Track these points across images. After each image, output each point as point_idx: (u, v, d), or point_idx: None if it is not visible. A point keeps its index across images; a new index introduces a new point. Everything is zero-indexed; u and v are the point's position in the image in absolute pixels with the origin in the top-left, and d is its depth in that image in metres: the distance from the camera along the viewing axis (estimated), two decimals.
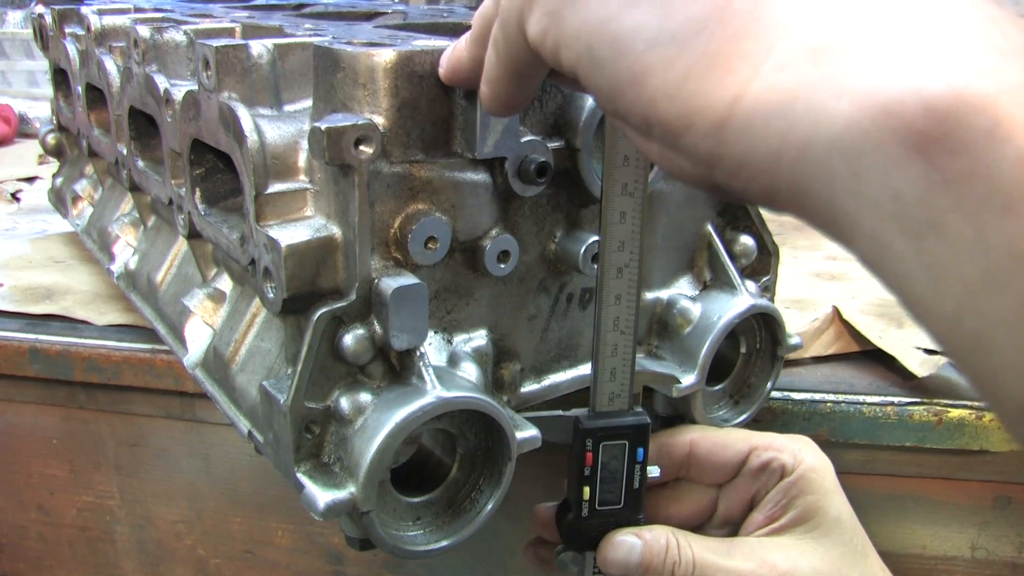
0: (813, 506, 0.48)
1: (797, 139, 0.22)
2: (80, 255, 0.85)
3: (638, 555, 0.46)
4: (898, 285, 0.21)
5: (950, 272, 0.20)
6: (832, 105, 0.21)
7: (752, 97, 0.23)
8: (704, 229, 0.57)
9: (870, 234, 0.21)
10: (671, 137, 0.25)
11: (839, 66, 0.21)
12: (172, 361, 0.64)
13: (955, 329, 0.20)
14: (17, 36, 1.49)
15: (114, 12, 0.69)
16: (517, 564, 0.67)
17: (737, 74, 0.23)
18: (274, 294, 0.42)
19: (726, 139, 0.24)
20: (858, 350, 0.68)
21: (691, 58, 0.24)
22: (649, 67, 0.25)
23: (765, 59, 0.23)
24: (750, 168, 0.24)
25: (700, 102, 0.24)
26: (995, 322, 0.19)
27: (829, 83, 0.21)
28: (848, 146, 0.21)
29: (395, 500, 0.45)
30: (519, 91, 0.35)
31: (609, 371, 0.46)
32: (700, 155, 0.25)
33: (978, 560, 0.66)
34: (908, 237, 0.20)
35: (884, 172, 0.20)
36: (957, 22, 0.21)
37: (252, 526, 0.71)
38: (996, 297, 0.19)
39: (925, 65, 0.20)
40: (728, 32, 0.24)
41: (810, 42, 0.22)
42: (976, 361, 0.20)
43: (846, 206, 0.22)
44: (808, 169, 0.22)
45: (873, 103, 0.20)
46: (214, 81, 0.44)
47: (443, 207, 0.43)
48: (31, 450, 0.73)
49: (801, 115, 0.22)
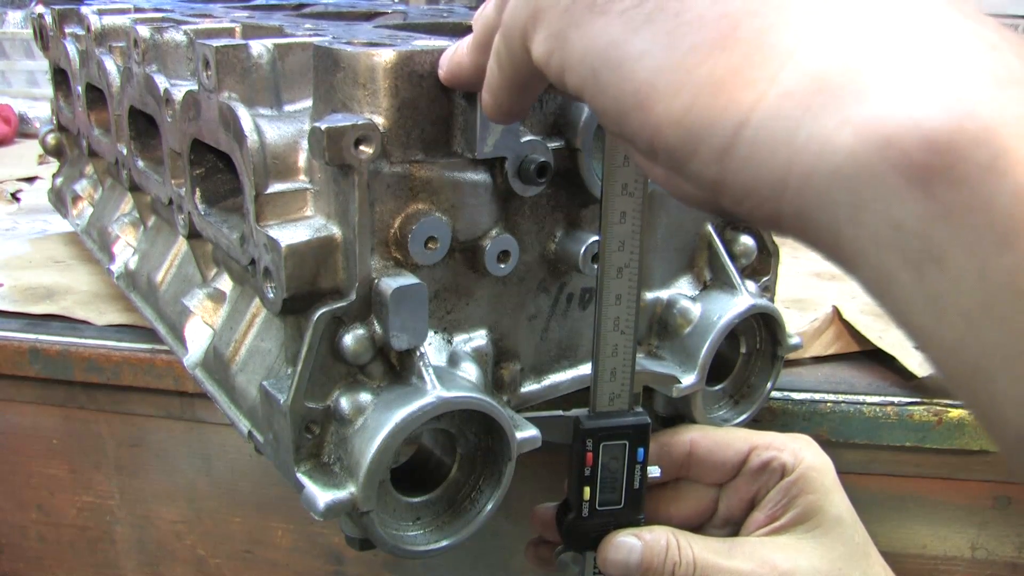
0: (814, 505, 0.48)
1: (800, 168, 0.22)
2: (80, 255, 0.85)
3: (638, 556, 0.46)
4: (899, 313, 0.22)
5: (950, 303, 0.20)
6: (835, 135, 0.21)
7: (756, 124, 0.23)
8: (704, 229, 0.57)
9: (872, 263, 0.21)
10: (676, 162, 0.26)
11: (842, 95, 0.21)
12: (172, 361, 0.64)
13: (954, 359, 0.20)
14: (17, 36, 1.49)
15: (114, 12, 0.69)
16: (517, 564, 0.67)
17: (742, 102, 0.23)
18: (274, 294, 0.42)
19: (731, 166, 0.24)
20: (858, 350, 0.68)
21: (697, 85, 0.24)
22: (655, 93, 0.25)
23: (769, 87, 0.23)
24: (755, 195, 0.24)
25: (705, 129, 0.24)
26: (994, 353, 0.19)
27: (832, 112, 0.21)
28: (850, 176, 0.21)
29: (395, 500, 0.45)
30: (521, 101, 0.35)
31: (609, 371, 0.46)
32: (705, 181, 0.25)
33: (978, 560, 0.66)
34: (909, 268, 0.20)
35: (885, 203, 0.20)
36: (958, 51, 0.21)
37: (252, 526, 0.71)
38: (995, 329, 0.19)
39: (926, 96, 0.20)
40: (733, 59, 0.24)
41: (814, 70, 0.22)
42: (975, 391, 0.20)
43: (848, 235, 0.22)
44: (811, 198, 0.22)
45: (874, 134, 0.20)
46: (214, 81, 0.44)
47: (443, 207, 0.43)
48: (31, 450, 0.73)
49: (804, 144, 0.22)
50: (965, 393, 0.21)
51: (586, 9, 0.27)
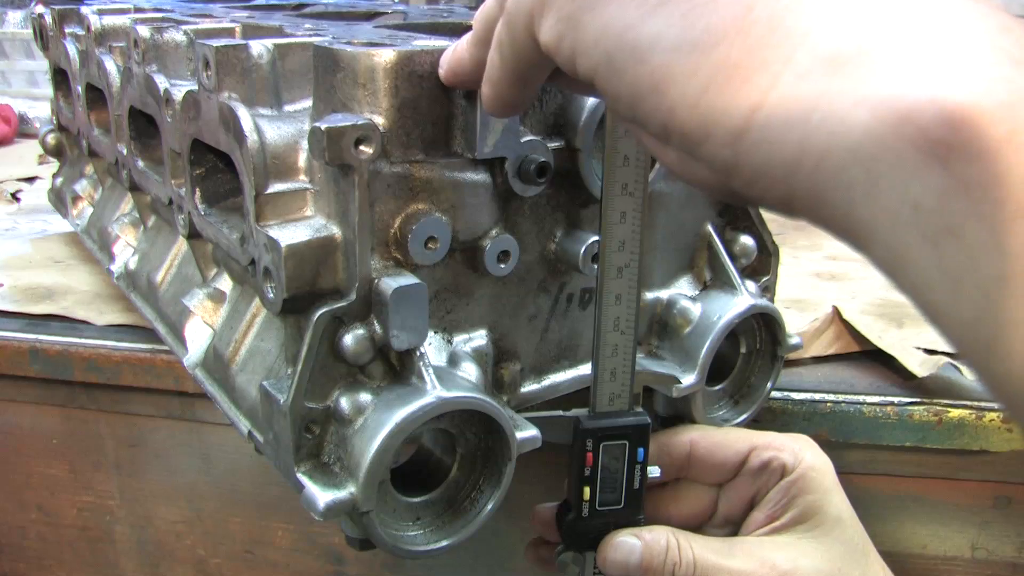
0: (814, 505, 0.48)
1: (815, 148, 0.22)
2: (80, 255, 0.85)
3: (638, 556, 0.46)
4: (915, 291, 0.22)
5: (967, 277, 0.20)
6: (850, 114, 0.21)
7: (771, 107, 0.23)
8: (704, 229, 0.57)
9: (887, 241, 0.22)
10: (690, 145, 0.26)
11: (857, 75, 0.22)
12: (172, 361, 0.64)
13: (972, 333, 0.21)
14: (17, 36, 1.49)
15: (114, 12, 0.69)
16: (517, 564, 0.67)
17: (756, 84, 0.23)
18: (274, 294, 0.42)
19: (745, 148, 0.24)
20: (858, 350, 0.68)
21: (711, 67, 0.24)
22: (669, 76, 0.25)
23: (784, 68, 0.23)
24: (768, 176, 0.24)
25: (720, 111, 0.24)
26: (1012, 325, 0.20)
27: (847, 92, 0.22)
28: (866, 154, 0.21)
29: (395, 500, 0.45)
30: (522, 92, 0.35)
31: (609, 371, 0.46)
32: (718, 163, 0.25)
33: (978, 560, 0.66)
34: (926, 243, 0.21)
35: (902, 179, 0.21)
36: (972, 31, 0.21)
37: (252, 526, 0.71)
38: (1013, 300, 0.19)
39: (942, 74, 0.21)
40: (748, 41, 0.24)
41: (829, 51, 0.22)
42: (993, 365, 0.20)
43: (863, 214, 0.22)
44: (826, 178, 0.22)
45: (891, 111, 0.21)
46: (214, 81, 0.44)
47: (443, 207, 0.43)
48: (31, 450, 0.73)
49: (819, 124, 0.22)
50: (982, 368, 0.21)
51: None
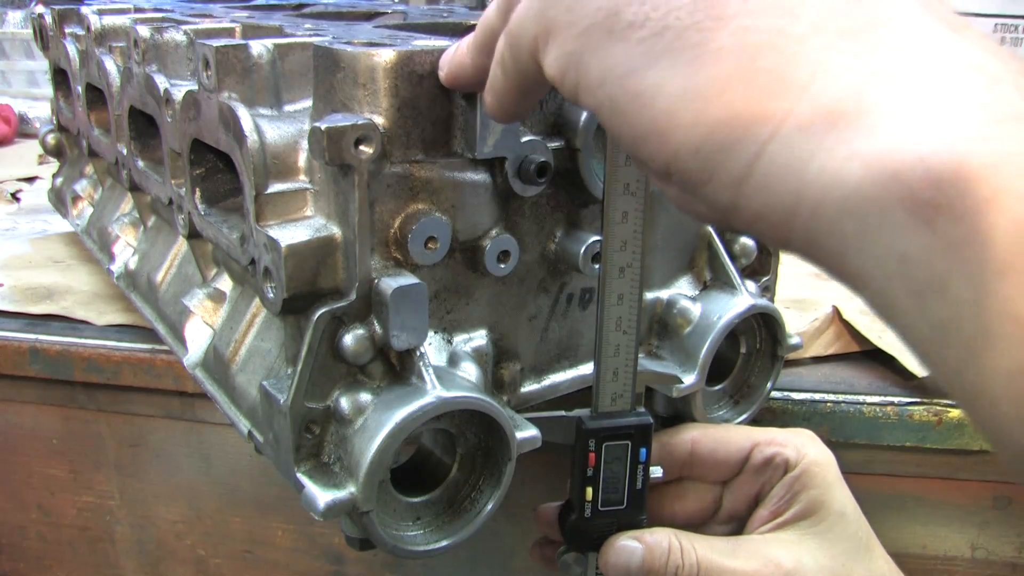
0: (817, 500, 0.48)
1: (811, 198, 0.23)
2: (80, 255, 0.85)
3: (639, 559, 0.46)
4: (905, 337, 0.23)
5: (951, 330, 0.21)
6: (843, 167, 0.22)
7: (771, 156, 0.24)
8: (704, 229, 0.57)
9: (877, 289, 0.23)
10: (691, 187, 0.26)
11: (852, 129, 0.22)
12: (172, 361, 0.64)
13: (958, 381, 0.22)
14: (17, 36, 1.49)
15: (114, 12, 0.69)
16: (517, 564, 0.67)
17: (758, 133, 0.24)
18: (274, 294, 0.42)
19: (745, 193, 0.25)
20: (858, 350, 0.68)
21: (715, 115, 0.25)
22: (673, 123, 0.26)
23: (785, 119, 0.24)
24: (766, 220, 0.25)
25: (722, 158, 0.25)
26: (994, 377, 0.20)
27: (842, 146, 0.22)
28: (857, 209, 0.22)
29: (395, 500, 0.45)
30: (525, 103, 0.35)
31: (612, 371, 0.46)
32: (719, 205, 0.26)
33: (978, 560, 0.66)
34: (912, 296, 0.22)
35: (890, 235, 0.22)
36: (962, 87, 0.22)
37: (252, 526, 0.71)
38: (995, 354, 0.20)
39: (929, 132, 0.21)
40: (752, 91, 0.24)
41: (827, 104, 0.23)
42: (978, 409, 0.21)
43: (855, 262, 0.23)
44: (820, 227, 0.23)
45: (881, 169, 0.22)
46: (214, 81, 0.44)
47: (443, 207, 0.43)
48: (31, 450, 0.73)
49: (816, 175, 0.23)
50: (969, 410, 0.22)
51: (604, 34, 0.27)
